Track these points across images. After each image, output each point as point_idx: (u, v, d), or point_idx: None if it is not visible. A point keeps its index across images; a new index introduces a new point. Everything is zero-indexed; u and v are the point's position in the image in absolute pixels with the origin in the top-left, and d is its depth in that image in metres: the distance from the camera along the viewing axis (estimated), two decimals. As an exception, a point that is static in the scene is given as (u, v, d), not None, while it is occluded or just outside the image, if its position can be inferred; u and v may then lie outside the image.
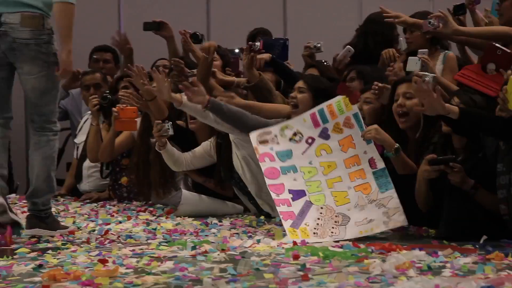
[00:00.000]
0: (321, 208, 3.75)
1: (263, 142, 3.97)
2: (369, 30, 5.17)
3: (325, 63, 5.31)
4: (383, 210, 3.71)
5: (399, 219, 3.69)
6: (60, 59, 3.69)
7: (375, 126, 3.82)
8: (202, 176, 4.85)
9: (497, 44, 3.95)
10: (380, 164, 3.81)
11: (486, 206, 3.54)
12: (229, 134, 4.46)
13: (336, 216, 3.72)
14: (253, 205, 4.65)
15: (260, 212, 4.58)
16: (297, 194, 3.80)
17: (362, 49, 5.17)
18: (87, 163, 5.58)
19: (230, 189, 4.78)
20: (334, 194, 3.79)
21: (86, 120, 5.76)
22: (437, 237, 3.61)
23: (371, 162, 3.84)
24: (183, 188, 4.87)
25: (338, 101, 3.98)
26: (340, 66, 5.21)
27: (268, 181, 3.84)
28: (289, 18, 8.14)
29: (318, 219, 3.72)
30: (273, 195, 3.79)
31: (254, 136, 4.00)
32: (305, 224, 3.68)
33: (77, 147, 5.76)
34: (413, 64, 4.27)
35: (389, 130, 3.87)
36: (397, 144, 3.79)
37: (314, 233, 3.65)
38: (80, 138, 5.72)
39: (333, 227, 3.69)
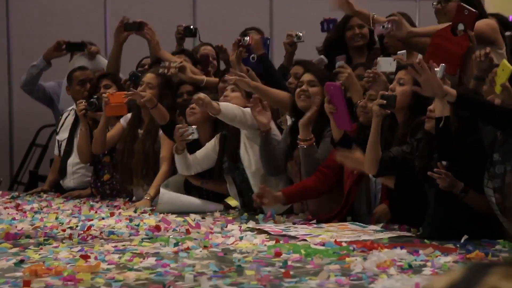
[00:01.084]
0: None
1: None
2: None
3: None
4: None
5: None
6: None
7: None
8: (198, 178, 4.84)
9: (464, 4, 4.05)
10: None
11: (475, 207, 3.55)
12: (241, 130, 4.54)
13: None
14: (241, 200, 4.65)
15: (244, 208, 4.59)
16: None
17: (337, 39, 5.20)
18: (71, 159, 5.57)
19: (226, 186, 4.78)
20: None
21: (67, 117, 5.73)
22: (420, 236, 3.63)
23: None
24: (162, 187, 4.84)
25: None
26: None
27: None
28: (275, 15, 8.15)
29: None
30: None
31: None
32: None
33: (60, 144, 5.74)
34: (387, 65, 4.28)
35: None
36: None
37: None
38: (63, 135, 5.70)
39: None
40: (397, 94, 3.98)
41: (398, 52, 4.49)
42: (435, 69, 3.56)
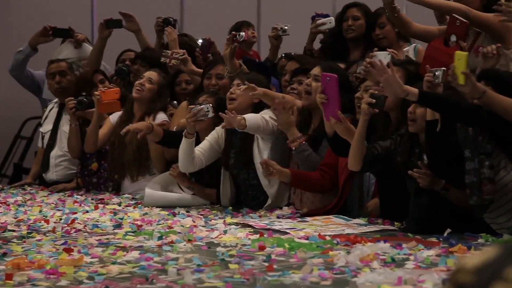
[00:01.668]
0: None
1: None
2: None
3: (291, 54, 5.34)
4: None
5: None
6: None
7: (346, 123, 3.80)
8: (186, 180, 4.74)
9: (456, 16, 4.05)
10: None
11: (457, 203, 3.57)
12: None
13: None
14: (236, 197, 4.62)
15: (238, 205, 4.56)
16: None
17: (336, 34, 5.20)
18: (54, 152, 5.55)
19: (213, 195, 4.71)
20: None
21: (51, 109, 5.72)
22: (403, 230, 3.65)
23: None
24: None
25: None
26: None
27: None
28: (263, 6, 8.14)
29: None
30: None
31: None
32: None
33: (43, 136, 5.72)
34: (382, 58, 4.28)
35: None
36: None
37: None
38: (46, 127, 5.68)
39: None
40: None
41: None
42: (436, 73, 3.57)
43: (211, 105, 4.43)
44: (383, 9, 5.01)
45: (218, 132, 4.60)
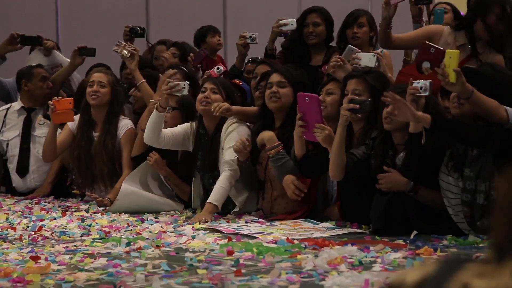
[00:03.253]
0: None
1: None
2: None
3: (258, 58, 5.36)
4: None
5: None
6: None
7: (328, 130, 3.77)
8: (164, 169, 4.71)
9: (429, 43, 4.02)
10: None
11: (427, 203, 3.61)
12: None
13: None
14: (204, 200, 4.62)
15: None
16: None
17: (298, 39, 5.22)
18: (32, 158, 5.49)
19: (187, 193, 4.70)
20: None
21: (5, 115, 5.63)
22: (373, 231, 3.68)
23: None
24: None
25: None
26: None
27: None
28: (229, 11, 8.16)
29: None
30: None
31: None
32: None
33: (7, 143, 5.63)
34: (367, 59, 4.29)
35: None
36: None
37: None
38: (10, 134, 5.58)
39: None
40: (328, 104, 4.07)
41: (349, 46, 4.53)
42: (422, 86, 3.55)
43: (188, 83, 4.45)
44: (363, 10, 5.09)
45: (190, 126, 4.62)
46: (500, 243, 1.06)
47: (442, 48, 3.93)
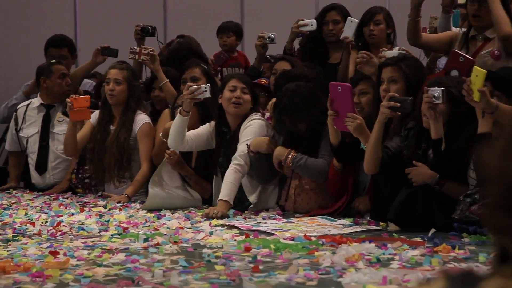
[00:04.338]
0: None
1: None
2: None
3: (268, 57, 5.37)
4: None
5: None
6: None
7: (360, 120, 3.78)
8: (184, 168, 4.73)
9: (459, 51, 4.01)
10: None
11: (454, 197, 3.60)
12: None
13: None
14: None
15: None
16: None
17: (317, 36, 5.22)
18: (51, 155, 5.53)
19: (208, 191, 4.71)
20: None
21: (25, 112, 5.65)
22: (388, 219, 3.67)
23: None
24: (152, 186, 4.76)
25: None
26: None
27: None
28: (246, 10, 8.16)
29: None
30: None
31: None
32: None
33: (26, 140, 5.66)
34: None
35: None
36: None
37: None
38: (29, 131, 5.62)
39: None
40: (364, 105, 4.09)
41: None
42: (435, 94, 3.55)
43: (209, 85, 4.45)
44: (380, 7, 5.08)
45: (212, 126, 4.64)
46: (500, 227, 1.04)
47: (471, 58, 3.92)
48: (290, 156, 4.17)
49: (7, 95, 6.31)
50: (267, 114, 4.64)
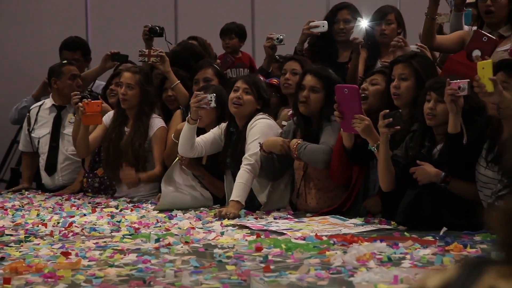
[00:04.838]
0: None
1: None
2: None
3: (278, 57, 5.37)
4: None
5: None
6: None
7: (368, 121, 3.77)
8: (198, 169, 4.75)
9: (482, 31, 4.00)
10: None
11: (461, 195, 3.60)
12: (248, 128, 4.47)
13: None
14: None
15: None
16: None
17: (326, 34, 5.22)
18: (60, 156, 5.55)
19: (222, 190, 4.71)
20: None
21: (37, 112, 5.68)
22: (396, 222, 3.67)
23: None
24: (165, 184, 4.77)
25: None
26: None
27: None
28: (257, 10, 8.16)
29: None
30: None
31: None
32: None
33: (38, 141, 5.68)
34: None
35: (389, 109, 3.87)
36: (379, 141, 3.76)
37: None
38: (40, 132, 5.64)
39: None
40: (370, 94, 4.09)
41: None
42: (461, 86, 3.53)
43: (215, 95, 4.47)
44: (391, 7, 5.08)
45: (221, 128, 4.66)
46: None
47: (495, 38, 3.90)
48: (295, 145, 4.19)
49: (19, 97, 6.35)
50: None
